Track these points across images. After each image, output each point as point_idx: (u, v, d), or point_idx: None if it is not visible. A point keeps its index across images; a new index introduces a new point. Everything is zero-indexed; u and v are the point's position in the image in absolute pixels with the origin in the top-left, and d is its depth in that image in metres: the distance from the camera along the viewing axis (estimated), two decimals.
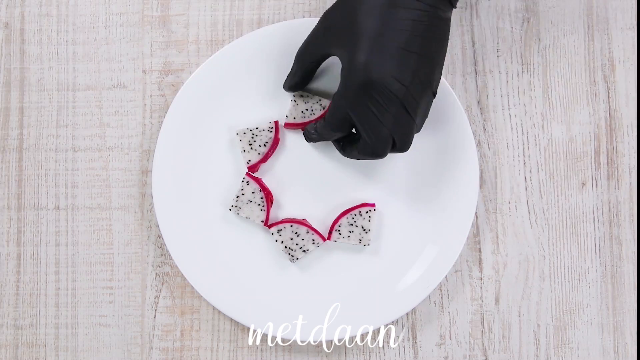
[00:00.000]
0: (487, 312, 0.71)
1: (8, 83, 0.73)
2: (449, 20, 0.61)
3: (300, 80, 0.68)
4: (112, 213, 0.72)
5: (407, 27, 0.59)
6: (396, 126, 0.61)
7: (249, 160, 0.70)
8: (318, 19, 0.71)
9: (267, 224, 0.70)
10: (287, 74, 0.69)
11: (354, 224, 0.69)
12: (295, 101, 0.70)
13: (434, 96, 0.62)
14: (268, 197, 0.70)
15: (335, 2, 0.63)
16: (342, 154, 0.68)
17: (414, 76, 0.59)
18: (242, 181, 0.70)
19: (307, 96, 0.70)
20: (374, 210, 0.69)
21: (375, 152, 0.62)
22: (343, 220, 0.69)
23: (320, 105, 0.70)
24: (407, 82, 0.59)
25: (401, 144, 0.62)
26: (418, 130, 0.63)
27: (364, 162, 0.71)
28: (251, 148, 0.70)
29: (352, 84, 0.60)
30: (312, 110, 0.70)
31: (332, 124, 0.64)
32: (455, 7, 0.62)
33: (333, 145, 0.71)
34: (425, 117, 0.63)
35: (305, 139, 0.69)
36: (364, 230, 0.69)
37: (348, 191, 0.71)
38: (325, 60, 0.66)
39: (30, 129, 0.73)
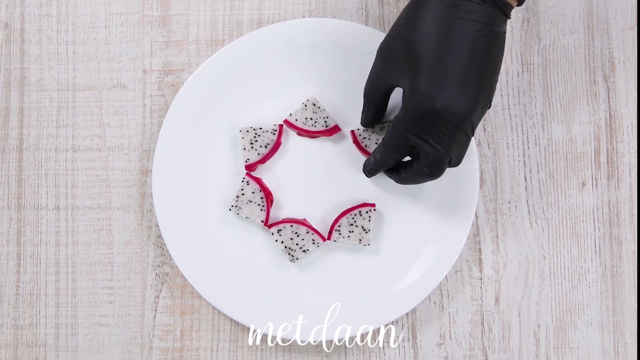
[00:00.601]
0: (487, 312, 0.71)
1: (8, 83, 0.73)
2: (504, 33, 0.60)
3: (373, 115, 0.67)
4: (112, 213, 0.73)
5: (465, 51, 0.57)
6: (455, 148, 0.60)
7: (248, 159, 0.70)
8: (318, 19, 0.71)
9: (267, 224, 0.70)
10: (361, 111, 0.69)
11: (354, 224, 0.69)
12: (305, 105, 0.70)
13: (490, 106, 0.61)
14: (268, 197, 0.70)
15: (388, 34, 0.61)
16: (397, 181, 0.67)
17: (476, 100, 0.58)
18: (242, 181, 0.70)
19: (319, 108, 0.70)
20: (374, 210, 0.69)
21: (433, 174, 0.62)
22: (343, 220, 0.69)
23: (325, 122, 0.70)
24: (470, 107, 0.58)
25: (456, 161, 0.62)
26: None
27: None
28: (252, 147, 0.70)
29: (414, 112, 0.59)
30: (315, 121, 0.70)
31: (390, 148, 0.63)
32: (510, 18, 0.60)
33: (333, 147, 0.71)
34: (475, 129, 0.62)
35: (365, 174, 0.69)
36: (364, 230, 0.69)
37: (348, 191, 0.71)
38: (392, 92, 0.65)
39: (30, 129, 0.73)
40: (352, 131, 0.70)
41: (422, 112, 0.58)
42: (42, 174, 0.73)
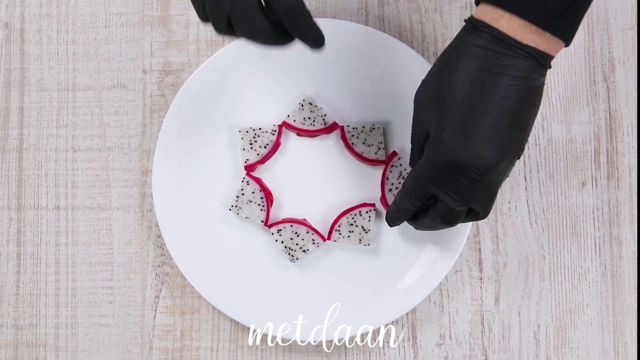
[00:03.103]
0: (487, 312, 0.71)
1: (8, 83, 0.73)
2: (542, 87, 0.57)
3: (418, 157, 0.63)
4: (112, 213, 0.73)
5: (494, 105, 0.55)
6: (477, 200, 0.58)
7: (247, 160, 0.70)
8: (318, 19, 0.71)
9: (267, 224, 0.70)
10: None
11: (354, 224, 0.69)
12: (302, 105, 0.70)
13: (520, 157, 0.59)
14: (268, 197, 0.70)
15: (425, 77, 0.60)
16: (416, 228, 0.65)
17: (501, 154, 0.56)
18: (242, 181, 0.70)
19: (315, 106, 0.70)
20: (374, 210, 0.69)
21: (446, 222, 0.60)
22: (343, 220, 0.69)
23: (324, 120, 0.70)
24: (494, 162, 0.56)
25: (483, 214, 0.59)
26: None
27: (364, 164, 0.71)
28: (251, 147, 0.70)
29: (436, 162, 0.57)
30: (313, 120, 0.70)
31: (410, 194, 0.61)
32: (550, 67, 0.56)
33: (332, 147, 0.71)
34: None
35: (388, 224, 0.65)
36: (364, 230, 0.69)
37: (348, 191, 0.71)
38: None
39: (30, 129, 0.73)
40: (342, 127, 0.70)
41: (442, 163, 0.57)
42: (42, 174, 0.73)
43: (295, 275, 0.71)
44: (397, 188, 0.69)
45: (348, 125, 0.70)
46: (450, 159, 0.56)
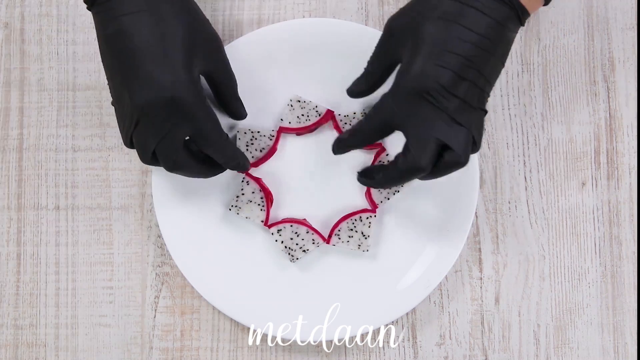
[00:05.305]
0: (487, 312, 0.71)
1: (8, 83, 0.73)
2: (512, 41, 0.59)
3: (365, 88, 0.65)
4: (112, 213, 0.73)
5: (472, 40, 0.57)
6: (450, 137, 0.58)
7: None
8: (318, 18, 0.71)
9: (267, 224, 0.70)
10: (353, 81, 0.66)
11: (354, 229, 0.69)
12: (292, 106, 0.70)
13: (485, 113, 0.60)
14: (268, 197, 0.70)
15: (401, 8, 0.61)
16: (377, 185, 0.64)
17: (468, 89, 0.57)
18: (242, 181, 0.70)
19: (304, 102, 0.70)
20: (375, 216, 0.69)
21: (418, 163, 0.59)
22: (343, 225, 0.69)
23: (317, 111, 0.70)
24: (462, 94, 0.57)
25: (458, 153, 0.58)
26: (477, 149, 0.60)
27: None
28: (247, 149, 0.70)
29: (405, 87, 0.58)
30: (307, 116, 0.70)
31: (372, 123, 0.61)
32: (523, 25, 0.59)
33: (330, 143, 0.71)
34: (481, 134, 0.60)
35: (333, 150, 0.65)
36: (364, 235, 0.69)
37: (348, 191, 0.71)
38: (395, 68, 0.62)
39: (30, 129, 0.73)
40: (333, 116, 0.70)
41: (412, 87, 0.58)
42: (42, 174, 0.73)
43: (295, 275, 0.71)
44: None
45: (339, 114, 0.70)
46: (422, 84, 0.57)
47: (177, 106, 0.59)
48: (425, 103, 0.58)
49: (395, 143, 0.70)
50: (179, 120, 0.59)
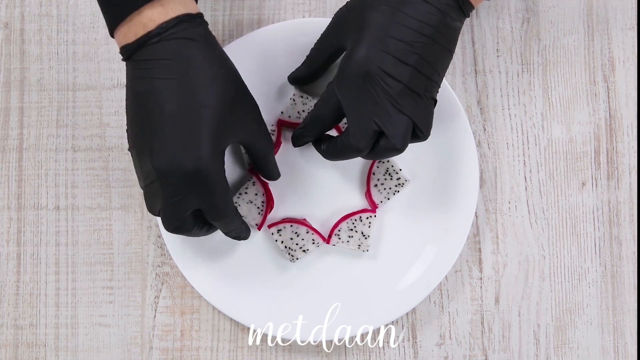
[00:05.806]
0: (487, 312, 0.71)
1: (8, 83, 0.73)
2: (457, 30, 0.60)
3: (306, 74, 0.68)
4: (112, 213, 0.73)
5: (413, 26, 0.58)
6: (387, 123, 0.59)
7: (250, 162, 0.70)
8: (318, 18, 0.71)
9: (260, 228, 0.70)
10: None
11: (354, 229, 0.69)
12: (294, 100, 0.70)
13: (435, 103, 0.61)
14: (269, 203, 0.70)
15: (350, 1, 0.63)
16: (323, 154, 0.66)
17: (411, 75, 0.59)
18: (249, 180, 0.70)
19: (307, 98, 0.70)
20: (375, 216, 0.69)
21: (355, 145, 0.61)
22: (343, 225, 0.69)
23: None
24: (404, 80, 0.59)
25: (392, 141, 0.60)
26: (424, 138, 0.61)
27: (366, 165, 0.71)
28: None
29: (349, 74, 0.60)
30: (308, 112, 0.70)
31: (322, 110, 0.64)
32: (468, 17, 0.61)
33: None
34: (429, 123, 0.61)
35: (293, 143, 0.68)
36: (364, 235, 0.69)
37: (348, 192, 0.71)
38: (338, 57, 0.65)
39: (30, 129, 0.73)
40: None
41: (355, 73, 0.59)
42: (42, 174, 0.73)
43: (295, 275, 0.71)
44: (382, 183, 0.70)
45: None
46: (364, 69, 0.59)
47: (195, 180, 0.58)
48: (368, 87, 0.59)
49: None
50: (194, 192, 0.59)
